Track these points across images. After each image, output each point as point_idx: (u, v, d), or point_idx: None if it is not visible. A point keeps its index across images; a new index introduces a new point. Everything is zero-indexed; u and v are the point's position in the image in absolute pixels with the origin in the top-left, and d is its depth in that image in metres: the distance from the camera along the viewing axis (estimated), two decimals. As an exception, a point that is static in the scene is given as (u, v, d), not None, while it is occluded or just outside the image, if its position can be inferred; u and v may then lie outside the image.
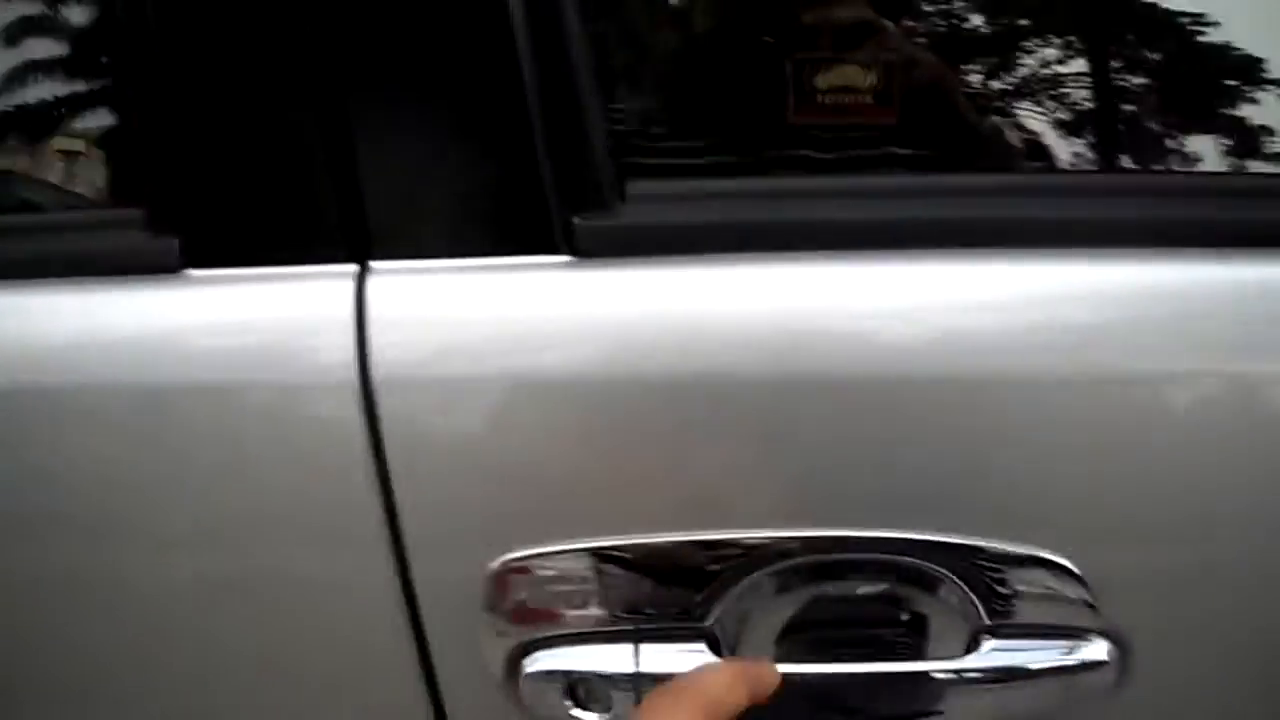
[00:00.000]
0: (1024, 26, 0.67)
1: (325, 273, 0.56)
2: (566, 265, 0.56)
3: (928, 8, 0.67)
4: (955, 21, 0.66)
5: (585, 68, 0.55)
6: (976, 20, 0.67)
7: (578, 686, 0.58)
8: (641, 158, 0.61)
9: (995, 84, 0.66)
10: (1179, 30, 0.65)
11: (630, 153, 0.60)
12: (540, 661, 0.58)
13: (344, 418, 0.55)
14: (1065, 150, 0.66)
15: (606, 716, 0.58)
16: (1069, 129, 0.65)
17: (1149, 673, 0.59)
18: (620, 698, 0.57)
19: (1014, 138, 0.66)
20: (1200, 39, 0.64)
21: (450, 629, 0.59)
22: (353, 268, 0.56)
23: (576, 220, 0.56)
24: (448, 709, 0.62)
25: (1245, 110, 0.65)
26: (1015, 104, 0.65)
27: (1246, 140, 0.65)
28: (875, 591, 0.59)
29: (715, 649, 0.58)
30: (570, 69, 0.55)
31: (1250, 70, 0.65)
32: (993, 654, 0.58)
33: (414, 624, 0.59)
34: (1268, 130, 0.65)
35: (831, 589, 0.59)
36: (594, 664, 0.58)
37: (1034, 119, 0.65)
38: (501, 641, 0.59)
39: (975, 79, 0.66)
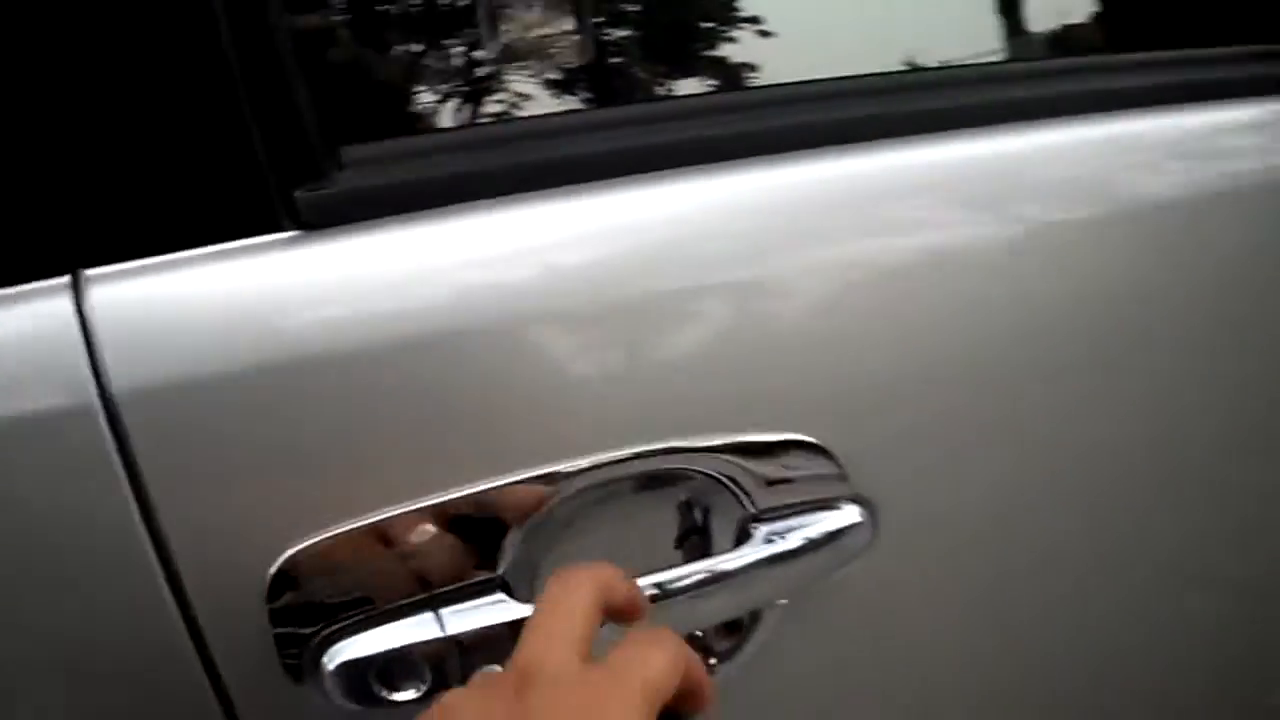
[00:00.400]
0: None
1: (34, 291, 0.52)
2: (293, 240, 0.56)
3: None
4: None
5: (284, 34, 0.55)
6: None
7: (387, 669, 0.56)
8: (354, 120, 0.62)
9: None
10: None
11: (343, 116, 0.60)
12: (343, 653, 0.56)
13: (89, 443, 0.51)
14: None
15: (423, 690, 0.57)
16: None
17: (894, 528, 0.66)
18: (434, 668, 0.56)
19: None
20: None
21: (240, 648, 0.56)
22: (64, 279, 0.53)
23: (297, 193, 0.55)
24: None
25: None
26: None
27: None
28: (649, 506, 0.62)
29: (513, 595, 0.58)
30: (270, 38, 0.54)
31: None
32: (766, 539, 0.62)
33: (201, 655, 0.55)
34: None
35: (605, 512, 0.61)
36: (399, 640, 0.56)
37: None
38: (297, 644, 0.56)
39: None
